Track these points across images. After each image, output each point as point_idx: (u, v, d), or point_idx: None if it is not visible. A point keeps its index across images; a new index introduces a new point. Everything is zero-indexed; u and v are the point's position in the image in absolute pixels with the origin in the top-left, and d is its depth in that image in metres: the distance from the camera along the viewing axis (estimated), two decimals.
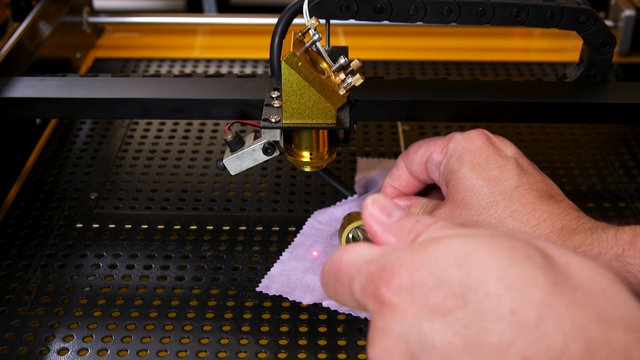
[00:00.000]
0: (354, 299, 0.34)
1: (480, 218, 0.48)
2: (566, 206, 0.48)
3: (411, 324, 0.30)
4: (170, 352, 0.48)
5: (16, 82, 0.59)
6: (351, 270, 0.34)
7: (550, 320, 0.28)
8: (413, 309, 0.30)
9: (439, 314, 0.30)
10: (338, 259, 0.35)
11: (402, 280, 0.31)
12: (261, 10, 1.07)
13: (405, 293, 0.31)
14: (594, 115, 0.57)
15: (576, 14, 0.55)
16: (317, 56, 0.51)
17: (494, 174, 0.49)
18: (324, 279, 0.36)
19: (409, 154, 0.53)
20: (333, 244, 0.56)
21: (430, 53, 0.88)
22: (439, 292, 0.30)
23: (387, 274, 0.32)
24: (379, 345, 0.31)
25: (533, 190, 0.48)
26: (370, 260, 0.33)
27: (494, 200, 0.48)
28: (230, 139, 0.53)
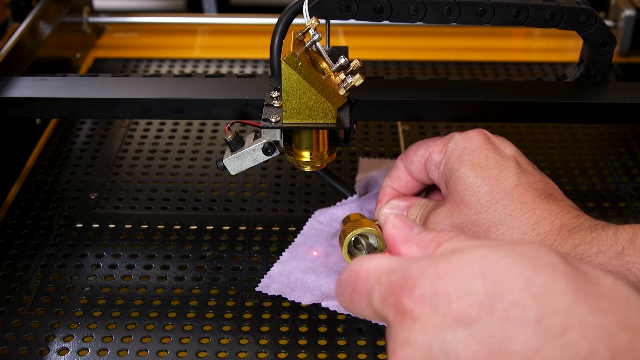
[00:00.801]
0: (372, 309, 0.34)
1: (479, 217, 0.48)
2: (565, 205, 0.48)
3: (434, 334, 0.30)
4: (170, 352, 0.48)
5: (16, 82, 0.59)
6: (370, 280, 0.34)
7: (576, 328, 0.28)
8: (435, 319, 0.31)
9: (463, 324, 0.30)
10: (356, 269, 0.35)
11: (424, 289, 0.31)
12: (261, 10, 1.07)
13: (427, 303, 0.31)
14: (594, 115, 0.57)
15: (576, 14, 0.55)
16: (317, 56, 0.51)
17: (494, 173, 0.49)
18: (339, 289, 0.36)
19: (408, 154, 0.53)
20: (333, 244, 0.56)
21: (430, 53, 0.88)
22: (462, 301, 0.30)
23: (408, 283, 0.32)
24: (401, 356, 0.31)
25: (532, 189, 0.48)
26: (390, 270, 0.33)
27: (494, 199, 0.48)
28: (230, 139, 0.53)
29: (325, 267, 0.54)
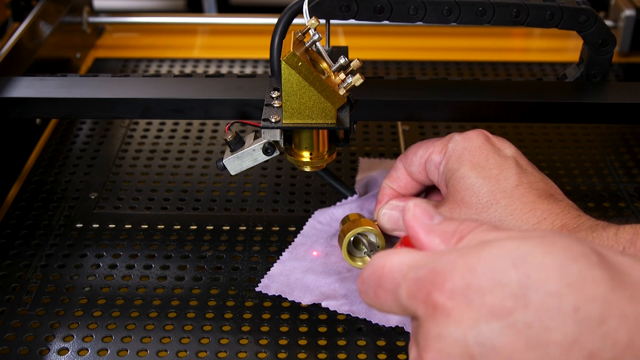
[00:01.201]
0: (399, 305, 0.34)
1: (480, 217, 0.48)
2: (566, 205, 0.48)
3: (469, 327, 0.31)
4: (170, 352, 0.48)
5: (16, 82, 0.59)
6: (396, 276, 0.34)
7: (614, 316, 0.29)
8: (469, 312, 0.31)
9: (498, 316, 0.30)
10: (380, 265, 0.35)
11: (455, 283, 0.31)
12: (261, 10, 1.07)
13: (459, 296, 0.31)
14: (593, 115, 0.57)
15: (576, 14, 0.55)
16: (317, 56, 0.51)
17: (494, 173, 0.49)
18: (362, 286, 0.36)
19: (408, 155, 0.53)
20: (333, 244, 0.56)
21: (430, 53, 0.88)
22: (496, 293, 0.30)
23: (438, 278, 0.32)
24: (435, 350, 0.31)
25: (533, 190, 0.48)
26: (416, 265, 0.33)
27: (494, 199, 0.48)
28: (230, 139, 0.53)
29: (325, 267, 0.54)
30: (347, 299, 0.51)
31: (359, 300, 0.51)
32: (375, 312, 0.50)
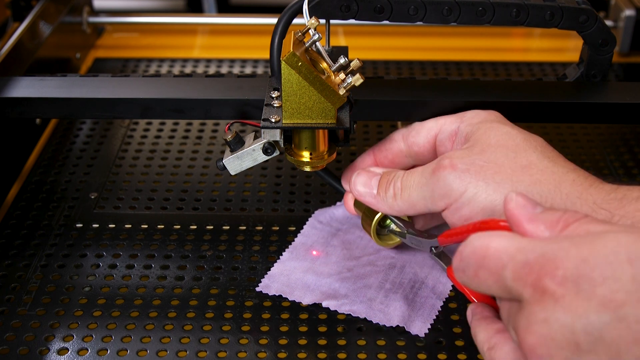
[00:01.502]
0: (501, 285, 0.34)
1: (517, 156, 0.46)
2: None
3: (578, 315, 0.31)
4: (170, 352, 0.48)
5: (16, 82, 0.59)
6: (503, 257, 0.34)
7: None
8: (579, 301, 0.31)
9: (609, 308, 0.31)
10: (484, 246, 0.35)
11: (567, 271, 0.32)
12: (261, 10, 1.07)
13: (570, 284, 0.32)
14: (593, 115, 0.57)
15: (576, 14, 0.55)
16: (317, 56, 0.51)
17: (525, 132, 0.48)
18: (460, 264, 0.36)
19: (413, 127, 0.52)
20: (333, 244, 0.56)
21: (430, 53, 0.88)
22: (608, 286, 0.31)
23: (550, 264, 0.32)
24: (540, 334, 0.32)
25: (562, 155, 0.48)
26: (524, 248, 0.34)
27: (532, 145, 0.47)
28: (230, 139, 0.53)
29: (325, 267, 0.54)
30: (347, 298, 0.51)
31: (359, 300, 0.51)
32: (376, 312, 0.50)
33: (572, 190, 0.44)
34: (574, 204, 0.43)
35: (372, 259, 0.55)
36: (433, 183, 0.47)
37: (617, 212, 0.42)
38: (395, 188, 0.49)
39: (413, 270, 0.54)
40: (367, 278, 0.53)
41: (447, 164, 0.46)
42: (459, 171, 0.46)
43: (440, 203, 0.47)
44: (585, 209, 0.43)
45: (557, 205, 0.44)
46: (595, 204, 0.43)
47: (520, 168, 0.45)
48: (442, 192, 0.46)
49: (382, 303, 0.51)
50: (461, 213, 0.46)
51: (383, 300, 0.51)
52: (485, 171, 0.45)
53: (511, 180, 0.45)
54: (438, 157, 0.50)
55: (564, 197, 0.44)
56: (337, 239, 0.57)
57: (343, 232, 0.58)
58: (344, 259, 0.55)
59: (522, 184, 0.45)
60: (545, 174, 0.45)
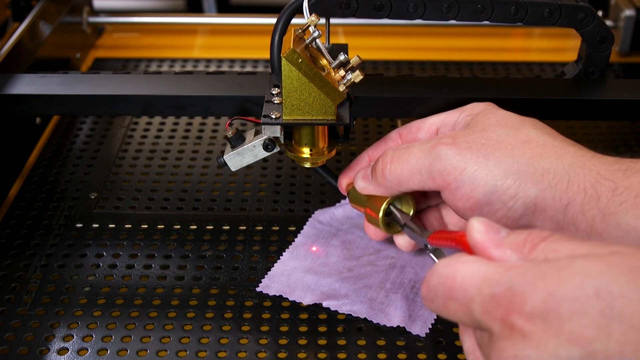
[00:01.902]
0: (471, 318, 0.34)
1: (517, 133, 0.46)
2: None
3: (547, 352, 0.30)
4: (170, 352, 0.48)
5: (17, 79, 0.59)
6: (469, 289, 0.33)
7: None
8: (548, 337, 0.30)
9: (578, 344, 0.30)
10: (450, 276, 0.34)
11: (534, 306, 0.31)
12: (261, 10, 1.07)
13: (538, 320, 0.31)
14: (592, 112, 0.57)
15: (574, 12, 0.55)
16: (317, 53, 0.51)
17: (520, 115, 0.48)
18: (429, 294, 0.35)
19: (411, 125, 0.52)
20: (333, 244, 0.56)
21: (430, 53, 0.88)
22: (576, 321, 0.30)
23: (517, 298, 0.32)
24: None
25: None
26: (491, 280, 0.33)
27: (530, 123, 0.47)
28: (230, 135, 0.53)
29: (326, 267, 0.54)
30: (348, 298, 0.51)
31: (359, 300, 0.51)
32: (376, 312, 0.50)
33: (575, 160, 0.43)
34: (577, 174, 0.43)
35: (373, 259, 0.55)
36: (432, 158, 0.46)
37: (621, 184, 0.42)
38: (384, 162, 0.48)
39: (413, 270, 0.54)
40: (367, 278, 0.53)
41: (449, 141, 0.46)
42: (460, 148, 0.45)
43: (438, 180, 0.46)
44: (589, 180, 0.42)
45: (560, 176, 0.43)
46: (599, 174, 0.42)
47: (520, 143, 0.45)
48: (441, 168, 0.45)
49: (382, 303, 0.51)
50: (462, 191, 0.45)
51: (383, 300, 0.51)
52: (486, 148, 0.45)
53: (512, 155, 0.44)
54: None
55: (567, 168, 0.43)
56: (337, 239, 0.57)
57: (343, 232, 0.57)
58: (344, 259, 0.55)
59: (523, 157, 0.44)
60: (545, 147, 0.45)
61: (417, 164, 0.46)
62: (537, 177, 0.43)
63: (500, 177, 0.44)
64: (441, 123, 0.51)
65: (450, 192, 0.46)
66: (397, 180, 0.48)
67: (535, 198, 0.44)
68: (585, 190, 0.42)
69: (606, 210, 0.42)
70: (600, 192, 0.42)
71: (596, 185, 0.42)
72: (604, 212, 0.42)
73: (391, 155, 0.48)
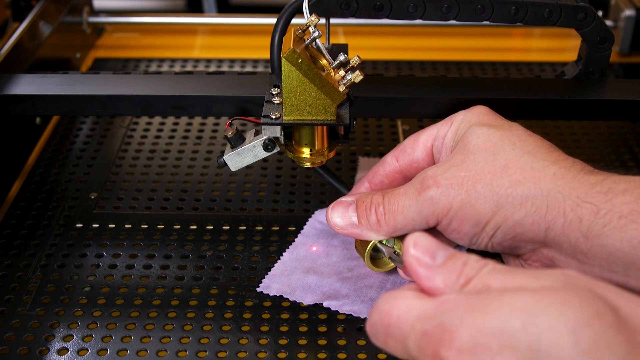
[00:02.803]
0: (409, 354, 0.34)
1: (496, 157, 0.46)
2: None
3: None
4: (170, 352, 0.48)
5: (17, 79, 0.59)
6: (404, 326, 0.33)
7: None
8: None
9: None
10: (387, 312, 0.34)
11: (463, 342, 0.31)
12: (261, 10, 1.07)
13: (467, 355, 0.31)
14: (592, 112, 0.57)
15: (574, 12, 0.55)
16: (317, 53, 0.52)
17: (505, 126, 0.48)
18: (371, 330, 0.35)
19: (404, 147, 0.52)
20: (334, 244, 0.56)
21: (430, 53, 0.88)
22: (505, 355, 0.30)
23: (446, 335, 0.31)
24: None
25: (547, 143, 0.47)
26: (424, 316, 0.33)
27: (509, 142, 0.46)
28: (230, 136, 0.53)
29: (326, 267, 0.54)
30: (348, 298, 0.51)
31: (360, 299, 0.51)
32: None
33: (553, 185, 0.44)
34: (556, 199, 0.43)
35: None
36: (420, 204, 0.47)
37: (603, 206, 0.42)
38: (378, 214, 0.49)
39: None
40: (368, 278, 0.53)
41: (430, 183, 0.46)
42: (442, 187, 0.46)
43: (431, 221, 0.47)
44: (569, 204, 0.43)
45: (539, 203, 0.43)
46: (578, 197, 0.43)
47: (499, 170, 0.45)
48: (431, 211, 0.47)
49: None
50: (452, 227, 0.47)
51: None
52: (467, 182, 0.45)
53: (491, 187, 0.45)
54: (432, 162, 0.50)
55: (545, 194, 0.43)
56: (338, 238, 0.57)
57: None
58: (345, 259, 0.55)
59: (502, 188, 0.45)
60: (524, 171, 0.45)
61: (409, 212, 0.47)
62: (516, 206, 0.44)
63: (482, 211, 0.45)
64: (433, 138, 0.51)
65: (442, 227, 0.47)
66: (393, 229, 0.49)
67: (514, 225, 0.44)
68: (565, 214, 0.43)
69: (589, 232, 0.42)
70: (581, 215, 0.42)
71: (576, 208, 0.42)
72: (586, 234, 0.42)
73: (382, 206, 0.49)
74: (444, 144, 0.50)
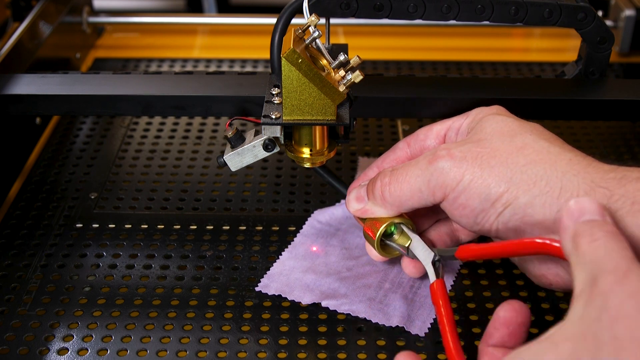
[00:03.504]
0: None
1: (513, 139, 0.46)
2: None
3: None
4: (170, 352, 0.48)
5: (17, 79, 0.59)
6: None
7: None
8: None
9: None
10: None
11: None
12: (261, 10, 1.07)
13: None
14: (592, 112, 0.57)
15: (574, 12, 0.55)
16: (317, 53, 0.52)
17: (523, 120, 0.48)
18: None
19: (417, 134, 0.52)
20: (333, 244, 0.56)
21: (430, 53, 0.88)
22: None
23: None
24: None
25: (560, 140, 0.48)
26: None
27: (528, 129, 0.47)
28: (230, 135, 0.53)
29: (325, 267, 0.54)
30: (347, 298, 0.51)
31: (358, 299, 0.51)
32: (375, 311, 0.50)
33: (569, 168, 0.44)
34: (570, 182, 0.43)
35: (372, 259, 0.55)
36: (430, 173, 0.46)
37: (616, 191, 0.42)
38: (383, 183, 0.49)
39: None
40: (366, 277, 0.53)
41: (444, 154, 0.46)
42: (456, 159, 0.46)
43: (438, 194, 0.46)
44: (583, 187, 0.43)
45: (553, 184, 0.43)
46: (593, 182, 0.43)
47: (515, 150, 0.45)
48: (440, 182, 0.46)
49: (381, 302, 0.51)
50: (459, 201, 0.46)
51: (382, 300, 0.51)
52: (481, 157, 0.45)
53: (506, 163, 0.45)
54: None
55: (560, 175, 0.43)
56: (337, 238, 0.57)
57: (342, 232, 0.57)
58: (344, 259, 0.55)
59: (517, 165, 0.44)
60: (540, 153, 0.45)
61: (416, 182, 0.47)
62: (529, 184, 0.44)
63: (494, 186, 0.45)
64: (447, 128, 0.51)
65: (448, 202, 0.47)
66: (398, 201, 0.48)
67: (525, 205, 0.44)
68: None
69: None
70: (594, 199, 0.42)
71: (590, 192, 0.42)
72: None
73: (389, 177, 0.49)
74: (459, 133, 0.50)
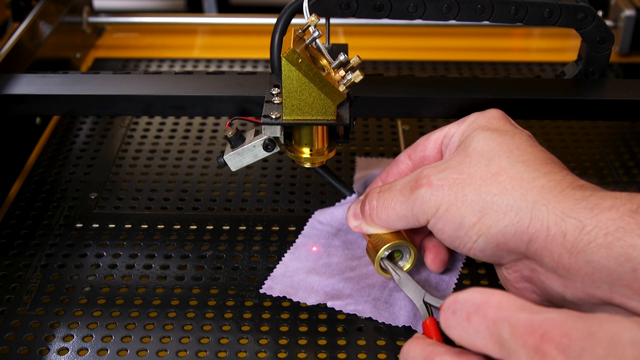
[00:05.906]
0: (494, 336, 0.35)
1: (490, 163, 0.46)
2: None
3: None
4: (170, 352, 0.48)
5: (18, 79, 0.59)
6: (505, 309, 0.35)
7: None
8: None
9: None
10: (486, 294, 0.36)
11: (572, 341, 0.33)
12: (261, 10, 1.07)
13: (573, 354, 0.33)
14: (592, 112, 0.57)
15: (574, 12, 0.55)
16: (317, 53, 0.52)
17: (509, 133, 0.48)
18: (453, 305, 0.38)
19: (417, 145, 0.52)
20: (335, 244, 0.56)
21: (430, 53, 0.88)
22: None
23: (556, 329, 0.33)
24: None
25: (547, 154, 0.47)
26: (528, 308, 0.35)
27: (507, 149, 0.47)
28: (230, 135, 0.53)
29: (328, 268, 0.54)
30: (352, 298, 0.51)
31: (363, 299, 0.51)
32: (381, 311, 0.50)
33: (540, 197, 0.44)
34: (540, 212, 0.43)
35: None
36: (412, 202, 0.48)
37: (588, 222, 0.41)
38: (371, 207, 0.50)
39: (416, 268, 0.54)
40: (370, 277, 0.53)
41: (423, 182, 0.47)
42: (434, 188, 0.47)
43: (421, 219, 0.48)
44: (552, 218, 0.42)
45: (522, 214, 0.43)
46: (563, 212, 0.42)
47: (490, 176, 0.46)
48: (422, 209, 0.47)
49: (387, 302, 0.51)
50: (438, 227, 0.47)
51: (388, 299, 0.51)
52: (457, 185, 0.46)
53: (479, 192, 0.45)
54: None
55: (531, 206, 0.43)
56: (339, 239, 0.57)
57: (344, 232, 0.57)
58: (347, 259, 0.55)
59: (489, 194, 0.45)
60: (513, 180, 0.45)
61: (401, 208, 0.49)
62: (500, 215, 0.44)
63: (467, 216, 0.45)
64: (444, 136, 0.51)
65: (431, 226, 0.48)
66: (386, 224, 0.50)
67: (497, 234, 0.44)
68: (548, 228, 0.43)
69: (574, 248, 0.42)
70: (565, 230, 0.42)
71: (560, 223, 0.42)
72: (570, 250, 0.42)
73: (376, 200, 0.50)
74: (451, 143, 0.50)
